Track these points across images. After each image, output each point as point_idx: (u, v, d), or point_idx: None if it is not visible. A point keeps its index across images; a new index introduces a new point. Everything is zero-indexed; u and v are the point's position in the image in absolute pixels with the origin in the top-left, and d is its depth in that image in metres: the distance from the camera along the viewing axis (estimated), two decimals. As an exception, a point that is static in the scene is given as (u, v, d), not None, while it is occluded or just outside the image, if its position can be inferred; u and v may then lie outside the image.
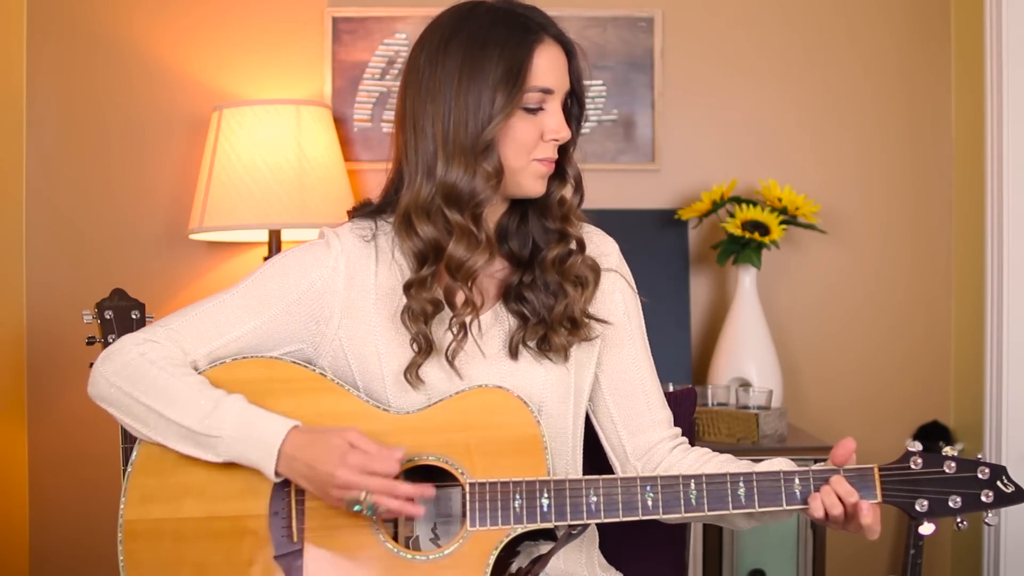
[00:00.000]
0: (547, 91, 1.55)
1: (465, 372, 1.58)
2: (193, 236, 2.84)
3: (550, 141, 1.57)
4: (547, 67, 1.54)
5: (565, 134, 1.57)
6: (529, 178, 1.58)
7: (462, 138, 1.52)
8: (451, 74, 1.53)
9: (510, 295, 1.62)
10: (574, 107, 1.62)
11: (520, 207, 1.64)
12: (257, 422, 1.49)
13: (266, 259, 2.74)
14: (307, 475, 1.47)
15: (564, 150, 1.61)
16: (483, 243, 1.55)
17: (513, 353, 1.60)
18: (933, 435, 2.97)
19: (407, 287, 1.57)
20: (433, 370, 1.57)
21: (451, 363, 1.56)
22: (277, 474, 1.48)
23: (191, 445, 1.50)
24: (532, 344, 1.60)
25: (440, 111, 1.53)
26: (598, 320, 1.64)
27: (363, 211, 1.66)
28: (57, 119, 2.99)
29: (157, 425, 1.51)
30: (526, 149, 1.56)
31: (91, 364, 2.03)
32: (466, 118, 1.52)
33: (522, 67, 1.52)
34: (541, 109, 1.55)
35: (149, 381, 1.52)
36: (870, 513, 1.48)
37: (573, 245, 1.62)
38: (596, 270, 1.64)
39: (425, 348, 1.56)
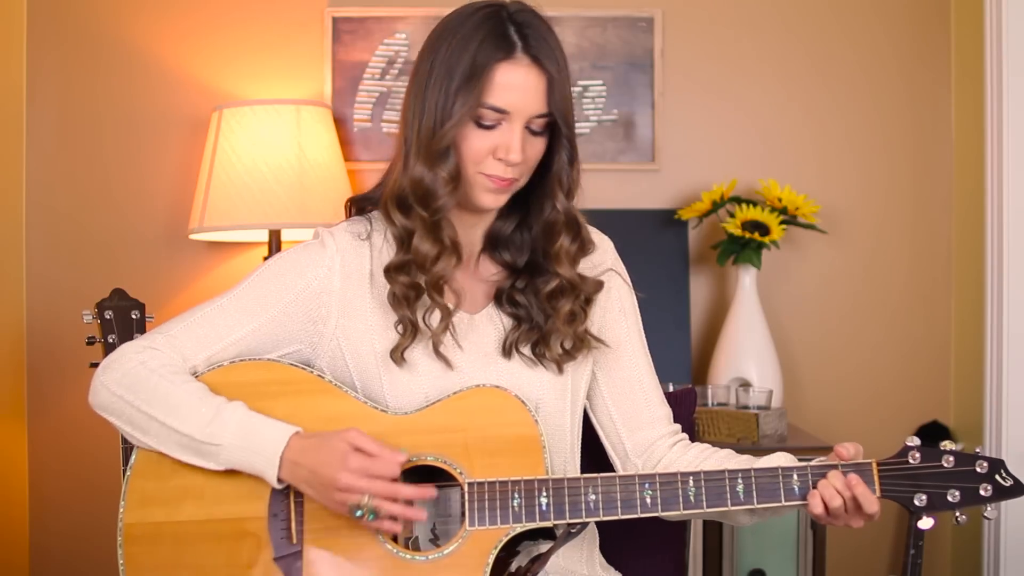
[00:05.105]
0: (501, 111, 1.51)
1: (457, 363, 1.58)
2: (193, 236, 2.84)
3: (500, 160, 1.53)
4: (508, 87, 1.51)
5: (514, 157, 1.52)
6: (477, 190, 1.56)
7: (426, 135, 1.53)
8: (433, 71, 1.53)
9: (502, 298, 1.63)
10: (561, 136, 1.56)
11: (518, 213, 1.64)
12: (258, 429, 1.49)
13: (266, 259, 2.74)
14: (309, 480, 1.47)
15: (551, 181, 1.58)
16: (447, 247, 1.56)
17: (507, 353, 1.60)
18: (933, 435, 2.97)
19: (387, 271, 1.58)
20: (424, 358, 1.57)
21: (436, 352, 1.57)
22: (280, 480, 1.48)
23: (191, 454, 1.50)
24: (526, 351, 1.60)
25: (419, 106, 1.54)
26: (595, 339, 1.64)
27: (361, 202, 1.67)
28: (57, 119, 2.99)
29: (158, 433, 1.51)
30: (474, 161, 1.54)
31: (91, 364, 2.04)
32: (432, 117, 1.52)
33: (479, 81, 1.50)
34: (495, 126, 1.53)
35: (149, 389, 1.52)
36: (876, 501, 1.48)
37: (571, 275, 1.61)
38: (598, 287, 1.64)
39: (410, 331, 1.56)
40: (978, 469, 1.49)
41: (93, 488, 2.91)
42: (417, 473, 1.55)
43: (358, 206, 1.68)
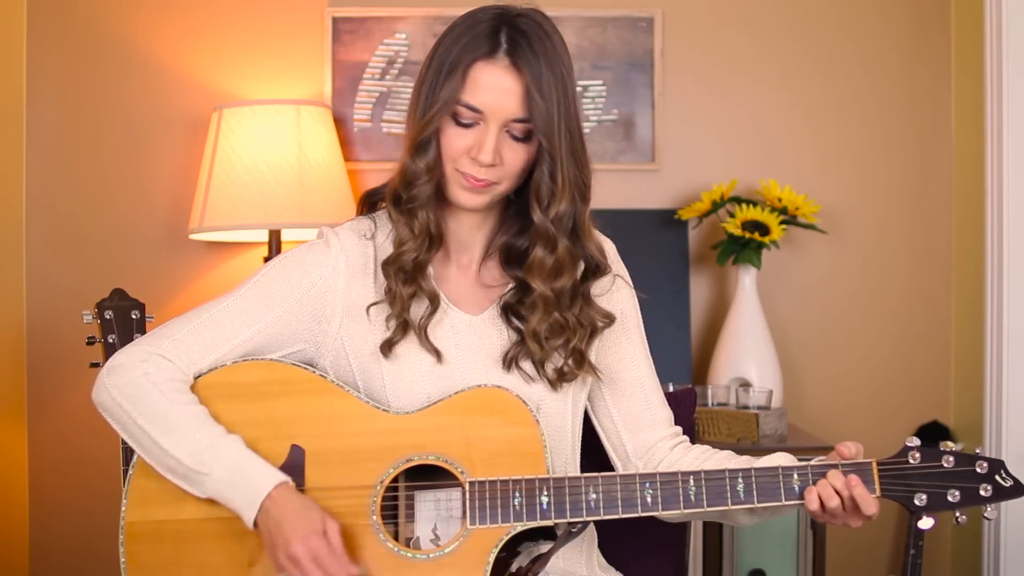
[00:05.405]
0: (475, 110, 1.51)
1: (456, 361, 1.58)
2: (193, 236, 2.84)
3: (473, 159, 1.53)
4: (483, 87, 1.51)
5: (484, 158, 1.52)
6: (454, 187, 1.56)
7: (415, 127, 1.55)
8: (430, 67, 1.56)
9: (508, 309, 1.62)
10: (544, 149, 1.53)
11: (529, 231, 1.62)
12: (248, 469, 1.48)
13: (266, 259, 2.74)
14: (270, 529, 1.45)
15: (529, 192, 1.57)
16: (417, 235, 1.56)
17: (507, 367, 1.59)
18: (933, 435, 2.97)
19: (382, 265, 1.59)
20: (418, 353, 1.58)
21: (421, 341, 1.57)
22: (255, 524, 1.47)
23: (176, 476, 1.50)
24: (526, 366, 1.59)
25: (416, 99, 1.57)
26: (592, 368, 1.62)
27: (372, 196, 1.68)
28: (57, 119, 2.99)
29: (150, 449, 1.51)
30: (452, 157, 1.54)
31: (92, 364, 2.04)
32: (422, 109, 1.55)
33: (456, 77, 1.51)
34: (473, 125, 1.53)
35: (149, 404, 1.51)
36: (874, 503, 1.48)
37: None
38: (607, 320, 1.64)
39: (400, 325, 1.57)
40: (978, 469, 1.50)
41: (93, 488, 2.91)
42: (418, 472, 1.55)
43: (369, 201, 1.69)
